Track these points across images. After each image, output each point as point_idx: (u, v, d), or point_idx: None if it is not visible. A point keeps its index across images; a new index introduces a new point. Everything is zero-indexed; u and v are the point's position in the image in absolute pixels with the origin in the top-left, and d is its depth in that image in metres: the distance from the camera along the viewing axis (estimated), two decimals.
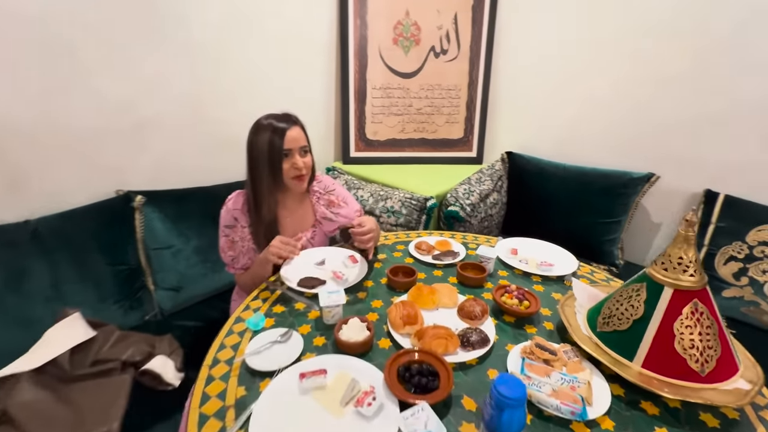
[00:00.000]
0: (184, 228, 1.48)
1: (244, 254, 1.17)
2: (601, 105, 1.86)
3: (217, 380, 0.76)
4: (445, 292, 1.01)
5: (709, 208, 1.58)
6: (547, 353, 0.80)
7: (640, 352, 0.76)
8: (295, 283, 1.06)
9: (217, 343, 0.86)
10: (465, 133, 2.19)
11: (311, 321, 0.94)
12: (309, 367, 0.76)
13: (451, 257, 1.23)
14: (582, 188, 1.83)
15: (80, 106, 1.29)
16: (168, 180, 1.54)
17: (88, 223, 1.30)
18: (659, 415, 0.71)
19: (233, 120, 1.68)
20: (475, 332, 0.86)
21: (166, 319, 1.41)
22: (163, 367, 1.14)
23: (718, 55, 1.52)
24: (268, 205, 1.14)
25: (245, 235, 1.17)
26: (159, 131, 1.50)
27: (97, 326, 1.18)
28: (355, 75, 2.02)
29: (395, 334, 0.88)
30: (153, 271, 1.43)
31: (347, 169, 2.07)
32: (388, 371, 0.74)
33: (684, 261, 0.75)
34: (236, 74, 1.69)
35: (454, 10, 1.99)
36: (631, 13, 1.68)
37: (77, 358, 1.10)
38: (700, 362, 0.72)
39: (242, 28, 1.65)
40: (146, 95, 1.43)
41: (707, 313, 0.74)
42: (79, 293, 1.23)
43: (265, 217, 1.14)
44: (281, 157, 1.09)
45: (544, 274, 1.16)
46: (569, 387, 0.72)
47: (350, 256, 1.20)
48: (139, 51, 1.38)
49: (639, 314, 0.77)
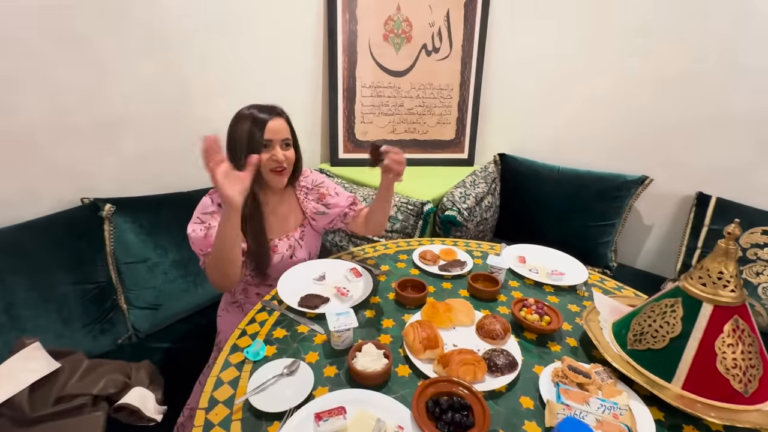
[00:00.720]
0: (161, 239, 1.33)
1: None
2: (595, 107, 1.85)
3: (216, 427, 0.65)
4: (462, 309, 0.93)
5: (702, 211, 1.60)
6: (581, 376, 0.75)
7: (680, 373, 0.72)
8: (295, 303, 0.95)
9: (212, 380, 0.75)
10: (456, 134, 2.13)
11: (318, 347, 0.84)
12: (324, 405, 0.67)
13: (459, 267, 1.16)
14: (576, 191, 1.82)
15: (36, 102, 1.12)
16: (141, 185, 1.38)
17: (48, 237, 1.13)
18: None
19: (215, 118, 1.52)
20: (502, 355, 0.79)
21: (142, 341, 1.27)
22: (142, 401, 1.01)
23: (712, 60, 1.53)
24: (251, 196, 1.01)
25: None
26: (130, 130, 1.34)
27: (61, 356, 1.03)
28: (344, 72, 1.91)
29: (415, 359, 0.79)
30: (125, 288, 1.28)
31: (335, 172, 1.97)
32: (416, 407, 0.65)
33: (725, 275, 0.71)
34: (219, 70, 1.56)
35: (446, 7, 1.93)
36: (627, 15, 1.67)
37: (38, 395, 0.94)
38: (744, 382, 0.68)
39: (225, 20, 1.51)
40: (109, 88, 1.27)
41: (748, 330, 0.70)
42: (39, 318, 1.07)
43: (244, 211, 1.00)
44: (260, 148, 0.98)
45: (556, 284, 1.12)
46: (611, 415, 0.67)
47: (352, 269, 1.10)
48: (99, 39, 1.21)
49: (677, 332, 0.73)
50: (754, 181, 1.54)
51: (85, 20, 1.17)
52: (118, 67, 1.27)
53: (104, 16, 1.20)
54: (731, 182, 1.57)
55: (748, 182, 1.55)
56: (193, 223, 1.02)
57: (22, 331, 1.03)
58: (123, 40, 1.26)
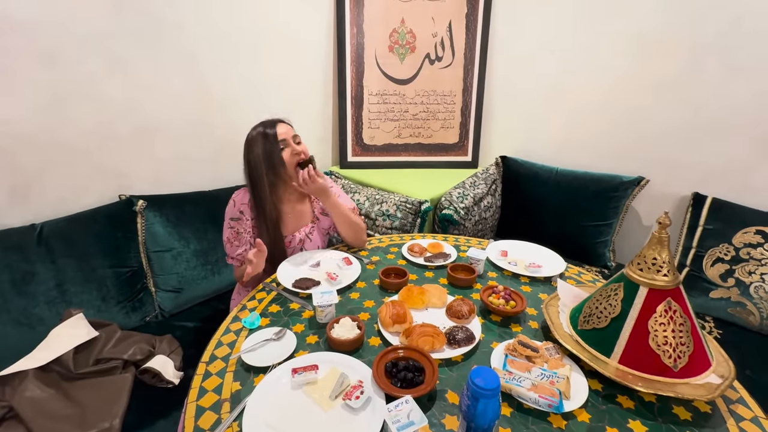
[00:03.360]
0: (185, 231, 1.52)
1: (243, 245, 1.23)
2: (593, 111, 1.89)
3: (213, 376, 0.80)
4: (435, 293, 1.04)
5: (697, 211, 1.61)
6: (529, 350, 0.84)
7: (617, 349, 0.79)
8: (290, 284, 1.10)
9: (214, 341, 0.90)
10: (460, 138, 2.23)
11: (305, 320, 0.98)
12: (301, 362, 0.80)
13: (443, 259, 1.27)
14: (574, 192, 1.87)
15: (82, 112, 1.34)
16: (169, 184, 1.59)
17: (91, 227, 1.35)
18: (634, 408, 0.74)
19: (234, 125, 1.73)
20: (461, 330, 0.90)
21: (166, 319, 1.45)
22: (163, 366, 1.18)
23: (706, 62, 1.56)
24: (272, 203, 1.20)
25: (248, 228, 1.23)
26: (160, 137, 1.55)
27: (99, 326, 1.22)
28: (352, 81, 2.07)
29: (385, 332, 0.92)
30: (154, 273, 1.47)
31: (344, 174, 2.12)
32: (376, 367, 0.78)
33: (658, 261, 0.78)
34: (237, 81, 1.74)
35: (448, 18, 2.04)
36: (622, 20, 1.72)
37: (80, 357, 1.14)
38: (673, 358, 0.75)
39: (242, 36, 1.70)
40: (146, 101, 1.48)
41: (680, 311, 0.77)
42: (83, 294, 1.28)
43: (269, 215, 1.19)
44: (279, 148, 1.16)
45: (533, 275, 1.20)
46: (548, 382, 0.76)
47: (344, 258, 1.24)
48: (138, 58, 1.42)
49: (616, 312, 0.81)
50: (748, 182, 1.54)
51: (126, 44, 1.38)
52: (152, 83, 1.48)
53: (141, 40, 1.41)
54: (726, 183, 1.58)
55: (742, 183, 1.55)
56: (226, 228, 1.24)
57: (69, 304, 1.23)
58: (157, 60, 1.47)
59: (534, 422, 0.71)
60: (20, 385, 1.04)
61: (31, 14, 1.19)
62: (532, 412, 0.73)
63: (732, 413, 0.74)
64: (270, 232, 1.21)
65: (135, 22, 1.39)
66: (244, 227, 1.24)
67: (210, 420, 0.70)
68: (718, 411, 0.75)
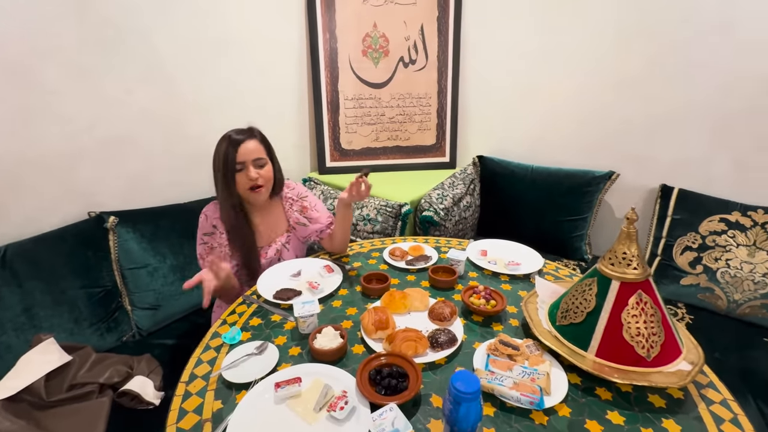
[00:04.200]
0: (161, 246, 1.48)
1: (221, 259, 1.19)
2: (565, 109, 1.94)
3: (194, 396, 0.78)
4: (417, 296, 1.05)
5: (666, 202, 1.68)
6: (510, 349, 0.85)
7: (594, 342, 0.82)
8: (270, 296, 1.08)
9: (193, 359, 0.88)
10: (437, 139, 2.25)
11: (287, 332, 0.97)
12: (284, 376, 0.79)
13: (424, 261, 1.28)
14: (549, 188, 1.91)
15: (45, 130, 1.29)
16: (142, 199, 1.54)
17: (60, 247, 1.29)
18: (612, 399, 0.77)
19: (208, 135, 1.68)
20: (443, 333, 0.90)
21: (144, 338, 1.41)
22: (142, 387, 1.14)
23: (666, 60, 1.62)
24: (226, 213, 1.17)
25: (223, 241, 1.21)
26: (129, 150, 1.50)
27: (72, 350, 1.17)
28: (327, 87, 2.06)
29: (368, 339, 0.91)
30: (129, 291, 1.42)
31: (324, 180, 2.11)
32: (360, 375, 0.77)
33: (627, 256, 0.81)
34: (209, 89, 1.71)
35: (420, 22, 2.06)
36: (587, 22, 1.77)
37: (53, 383, 1.09)
38: (646, 348, 0.78)
39: (212, 44, 1.67)
40: (113, 114, 1.43)
41: (651, 303, 0.80)
42: (53, 318, 1.22)
43: (226, 224, 1.17)
44: (234, 169, 1.13)
45: (512, 273, 1.22)
46: (530, 379, 0.77)
47: (326, 266, 1.23)
48: (102, 72, 1.38)
49: (591, 307, 0.83)
50: (710, 172, 1.62)
51: (90, 56, 1.34)
52: (119, 95, 1.43)
53: (106, 51, 1.37)
54: (690, 174, 1.66)
55: (704, 173, 1.63)
56: (198, 244, 1.21)
57: (39, 329, 1.18)
58: (122, 72, 1.42)
59: (517, 420, 0.72)
60: None
61: None
62: (515, 411, 0.74)
63: (703, 397, 0.78)
64: (242, 243, 1.19)
65: (98, 33, 1.34)
66: (219, 241, 1.21)
67: None
68: (690, 396, 0.78)
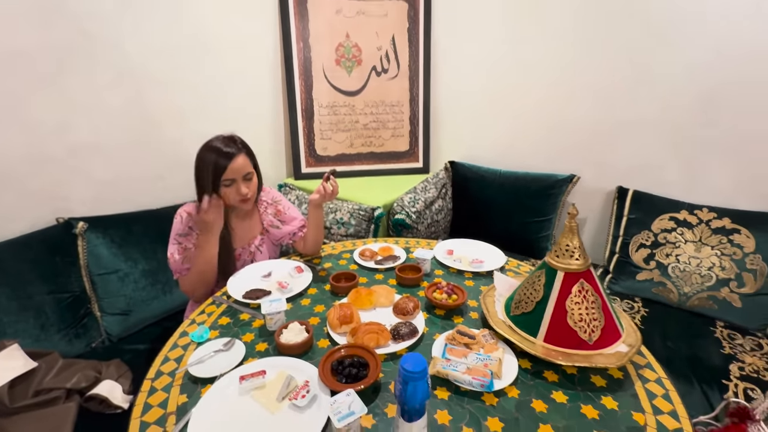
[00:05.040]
0: (132, 251, 1.48)
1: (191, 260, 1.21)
2: (530, 117, 2.04)
3: (159, 391, 0.80)
4: (383, 293, 1.09)
5: (622, 203, 1.78)
6: (466, 338, 0.91)
7: (542, 329, 0.88)
8: (240, 296, 1.11)
9: (160, 357, 0.90)
10: (410, 145, 2.32)
11: (255, 329, 1.00)
12: (249, 369, 0.82)
13: (392, 261, 1.33)
14: (517, 191, 2.00)
15: (11, 135, 1.29)
16: (112, 204, 1.54)
17: (26, 253, 1.28)
18: (558, 381, 0.83)
19: (183, 140, 1.71)
20: (405, 325, 0.95)
21: (114, 344, 1.40)
22: (110, 391, 1.14)
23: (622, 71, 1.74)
24: None
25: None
26: (98, 157, 1.51)
27: (38, 356, 1.16)
28: (302, 95, 2.11)
29: (333, 333, 0.95)
30: (98, 297, 1.42)
31: (299, 185, 2.14)
32: (322, 366, 0.81)
33: (570, 248, 0.88)
34: (183, 96, 1.73)
35: (391, 32, 2.14)
36: (551, 38, 1.87)
37: (17, 390, 1.08)
38: (588, 332, 0.85)
39: (185, 51, 1.70)
40: (80, 121, 1.44)
41: (591, 290, 0.87)
42: (18, 324, 1.21)
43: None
44: (222, 183, 1.16)
45: (476, 271, 1.28)
46: (483, 364, 0.82)
47: (296, 266, 1.26)
48: (69, 76, 1.39)
49: (540, 296, 0.90)
50: (662, 175, 1.73)
51: (54, 61, 1.34)
52: (86, 101, 1.44)
53: (71, 56, 1.38)
54: (644, 176, 1.77)
55: (658, 176, 1.74)
56: (171, 244, 1.22)
57: (2, 335, 1.16)
58: (89, 77, 1.43)
59: (469, 402, 0.77)
60: None
61: None
62: (467, 394, 0.79)
63: (640, 377, 0.85)
64: (219, 246, 1.22)
65: (66, 37, 1.35)
66: (194, 242, 1.23)
67: None
68: (629, 376, 0.85)
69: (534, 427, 0.72)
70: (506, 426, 0.72)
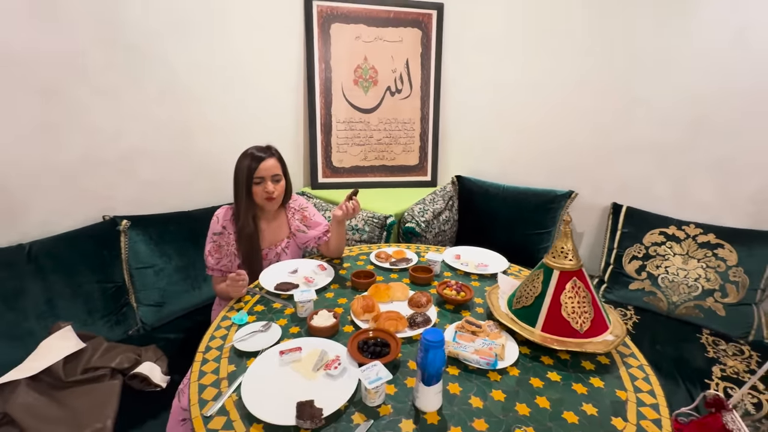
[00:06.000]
0: (167, 249, 1.63)
1: (227, 257, 1.37)
2: (532, 136, 2.21)
3: (210, 362, 0.93)
4: (398, 289, 1.23)
5: (616, 218, 1.93)
6: (474, 327, 1.04)
7: (540, 320, 1.01)
8: (272, 288, 1.25)
9: (207, 335, 1.03)
10: (420, 160, 2.49)
11: (287, 316, 1.13)
12: (287, 346, 0.95)
13: (405, 263, 1.47)
14: (519, 205, 2.15)
15: (72, 140, 1.46)
16: (150, 205, 1.70)
17: (78, 246, 1.43)
18: (553, 364, 0.96)
19: (212, 150, 1.89)
20: (420, 315, 1.09)
21: (148, 332, 1.53)
22: (150, 371, 1.27)
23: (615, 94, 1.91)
24: (245, 219, 1.35)
25: (231, 241, 1.37)
26: (143, 162, 1.67)
27: (86, 338, 1.30)
28: (321, 111, 2.28)
29: (357, 320, 1.09)
30: (136, 289, 1.56)
31: (315, 194, 2.29)
32: (350, 344, 0.94)
33: (564, 250, 1.02)
34: (217, 111, 1.91)
35: (405, 57, 2.33)
36: (551, 64, 2.06)
37: (70, 366, 1.21)
38: (579, 323, 0.98)
39: (221, 71, 1.88)
40: (132, 130, 1.61)
41: (582, 287, 1.01)
42: (70, 309, 1.35)
43: (243, 229, 1.34)
44: (250, 185, 1.32)
45: (481, 273, 1.42)
46: (488, 348, 0.96)
47: (319, 265, 1.40)
48: (125, 90, 1.57)
49: (538, 292, 1.03)
50: (653, 192, 1.89)
51: (115, 77, 1.52)
52: (137, 112, 1.61)
53: (129, 74, 1.56)
54: (637, 193, 1.92)
55: (649, 193, 1.89)
56: (208, 242, 1.37)
57: (57, 318, 1.30)
58: (141, 91, 1.61)
59: (476, 378, 0.90)
60: (12, 394, 1.10)
61: (29, 50, 1.32)
62: (475, 372, 0.92)
63: (624, 363, 0.97)
64: (247, 244, 1.36)
65: (124, 57, 1.54)
66: (227, 241, 1.38)
67: (211, 393, 0.84)
68: (615, 363, 0.98)
69: (532, 398, 0.85)
70: (508, 396, 0.85)
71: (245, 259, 1.40)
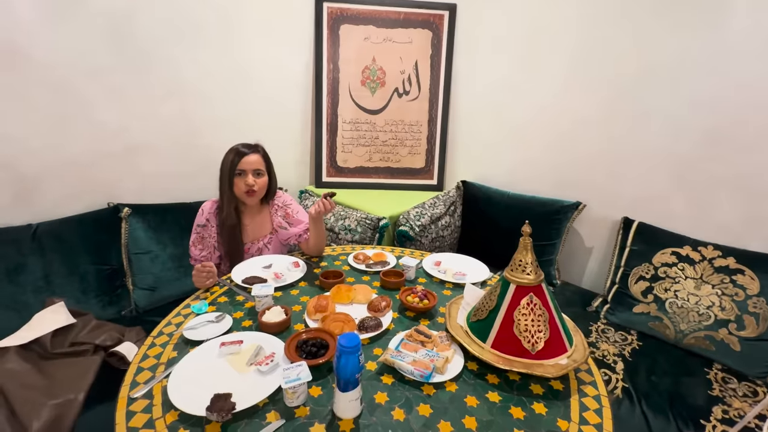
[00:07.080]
0: (163, 237, 1.72)
1: (207, 248, 1.43)
2: (541, 143, 2.09)
3: (157, 346, 0.97)
4: (362, 291, 1.21)
5: (626, 234, 1.77)
6: (422, 336, 1.00)
7: (491, 336, 0.95)
8: (240, 280, 1.28)
9: (165, 321, 1.08)
10: (426, 163, 2.44)
11: (246, 309, 1.15)
12: (230, 338, 0.97)
13: (382, 266, 1.44)
14: (522, 213, 2.04)
15: (82, 133, 1.59)
16: (153, 196, 1.80)
17: (81, 229, 1.55)
18: (497, 384, 0.89)
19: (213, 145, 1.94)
20: (372, 320, 1.06)
21: (140, 314, 1.62)
22: (128, 351, 1.35)
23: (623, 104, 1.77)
24: (227, 212, 1.39)
25: (213, 234, 1.43)
26: (147, 155, 1.78)
27: (77, 315, 1.40)
28: (328, 110, 2.31)
29: (308, 320, 1.08)
30: (132, 272, 1.66)
31: (319, 192, 2.32)
32: (288, 343, 0.94)
33: (523, 263, 0.96)
34: (224, 108, 1.99)
35: (415, 58, 2.30)
36: (563, 70, 1.94)
37: (57, 339, 1.31)
38: (531, 342, 0.91)
39: (228, 70, 1.96)
40: (137, 126, 1.73)
41: (540, 304, 0.93)
42: (65, 286, 1.46)
43: (225, 221, 1.39)
44: (232, 176, 1.36)
45: (457, 282, 1.36)
46: (429, 360, 0.91)
47: (294, 262, 1.42)
48: (132, 89, 1.68)
49: (493, 306, 0.97)
50: (667, 209, 1.71)
51: (123, 77, 1.64)
52: (143, 110, 1.72)
53: (137, 73, 1.67)
54: (651, 209, 1.75)
55: (663, 209, 1.72)
56: (192, 233, 1.44)
57: (52, 293, 1.41)
58: (147, 89, 1.72)
59: (409, 389, 0.86)
60: (2, 358, 1.21)
61: (45, 51, 1.45)
62: (409, 383, 0.88)
63: (580, 391, 0.89)
64: (229, 237, 1.41)
65: (132, 57, 1.65)
66: (209, 233, 1.43)
67: (145, 376, 0.87)
68: (569, 389, 0.90)
69: (460, 417, 0.80)
70: (434, 412, 0.80)
71: (227, 252, 1.45)
